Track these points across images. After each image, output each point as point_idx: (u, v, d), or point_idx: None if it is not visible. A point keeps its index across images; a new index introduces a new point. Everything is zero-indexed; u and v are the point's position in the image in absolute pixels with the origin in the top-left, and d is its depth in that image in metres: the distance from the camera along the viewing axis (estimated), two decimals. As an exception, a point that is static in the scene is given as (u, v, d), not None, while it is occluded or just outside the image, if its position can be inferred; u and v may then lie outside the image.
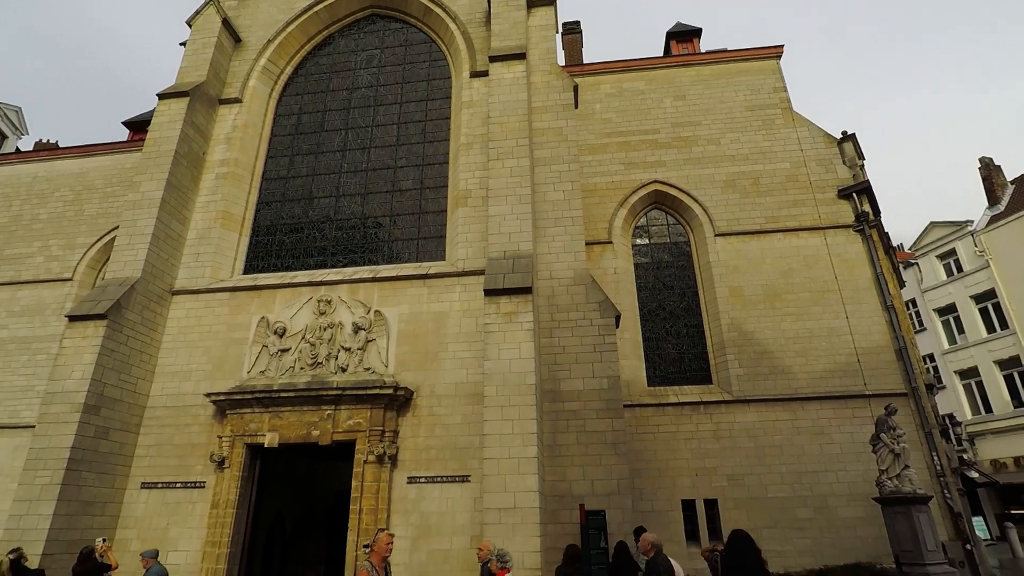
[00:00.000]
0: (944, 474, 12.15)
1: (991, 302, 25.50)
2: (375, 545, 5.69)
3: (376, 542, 5.68)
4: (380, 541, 5.68)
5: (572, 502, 9.67)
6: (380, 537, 5.69)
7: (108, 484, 10.47)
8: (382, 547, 5.65)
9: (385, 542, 5.67)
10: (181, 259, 12.63)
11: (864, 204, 14.43)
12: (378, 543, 5.67)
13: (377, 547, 5.65)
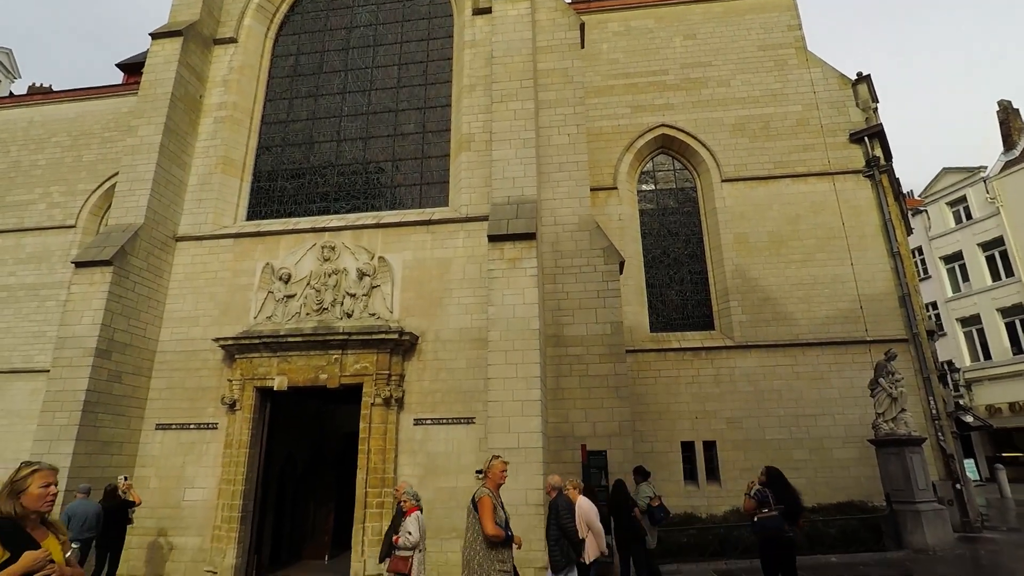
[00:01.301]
0: (939, 418, 12.40)
1: (998, 250, 25.33)
2: (489, 472, 5.37)
3: (490, 469, 5.38)
4: (495, 468, 5.38)
5: (574, 443, 9.95)
6: (494, 464, 5.40)
7: (124, 425, 10.79)
8: (497, 474, 5.35)
9: (500, 469, 5.39)
10: (183, 205, 12.56)
11: (876, 149, 14.13)
12: (492, 470, 5.37)
13: (492, 474, 5.35)
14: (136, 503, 9.19)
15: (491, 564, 4.77)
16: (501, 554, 4.82)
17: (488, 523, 4.81)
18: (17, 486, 2.70)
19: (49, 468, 2.80)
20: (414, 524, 6.62)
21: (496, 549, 4.81)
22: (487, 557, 4.78)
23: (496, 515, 4.90)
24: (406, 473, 10.09)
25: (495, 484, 5.20)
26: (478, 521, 4.88)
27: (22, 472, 2.75)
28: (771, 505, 6.51)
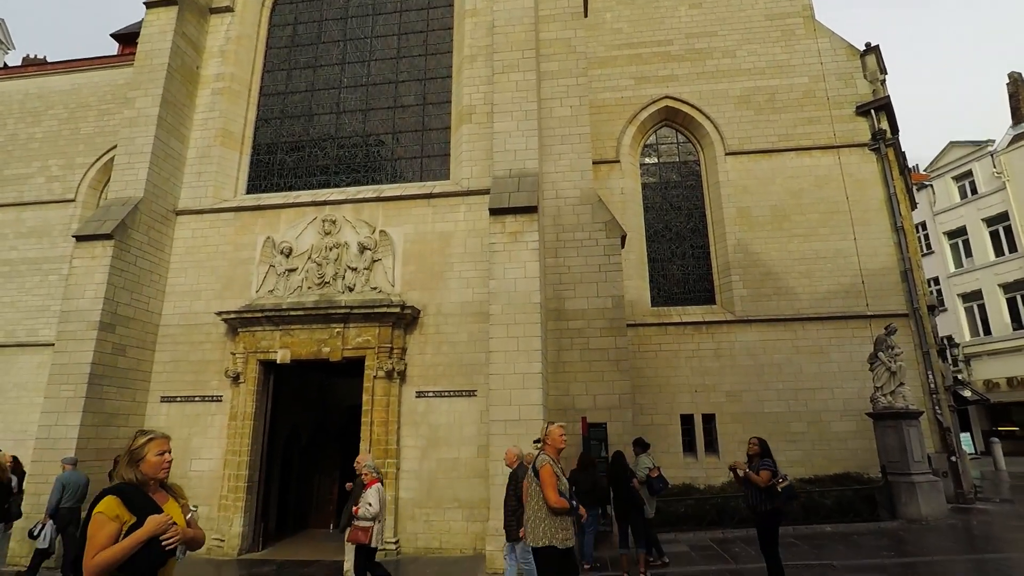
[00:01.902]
0: (937, 392, 12.50)
1: (1003, 225, 25.19)
2: (548, 438, 5.30)
3: (549, 435, 5.30)
4: (553, 434, 5.30)
5: (575, 415, 10.05)
6: (552, 430, 5.33)
7: (129, 398, 10.91)
8: (556, 439, 5.27)
9: (559, 434, 5.30)
10: (183, 179, 12.49)
11: (882, 122, 13.96)
12: (551, 436, 5.29)
13: (551, 439, 5.27)
14: None
15: (555, 532, 4.82)
16: (564, 521, 4.87)
17: (551, 494, 4.81)
18: (136, 454, 2.77)
19: (163, 436, 2.87)
20: (374, 496, 6.81)
21: (560, 517, 4.85)
22: (551, 524, 4.83)
23: (560, 484, 4.92)
24: (409, 444, 10.24)
25: (555, 450, 5.15)
26: (540, 490, 4.88)
27: (139, 441, 2.81)
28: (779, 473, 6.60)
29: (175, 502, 2.83)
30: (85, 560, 2.47)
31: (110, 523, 2.53)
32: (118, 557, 2.47)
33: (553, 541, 4.80)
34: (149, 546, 2.55)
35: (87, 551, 2.49)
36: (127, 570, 2.50)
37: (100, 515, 2.54)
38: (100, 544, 2.48)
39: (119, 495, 2.62)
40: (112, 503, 2.58)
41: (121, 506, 2.58)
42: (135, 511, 2.59)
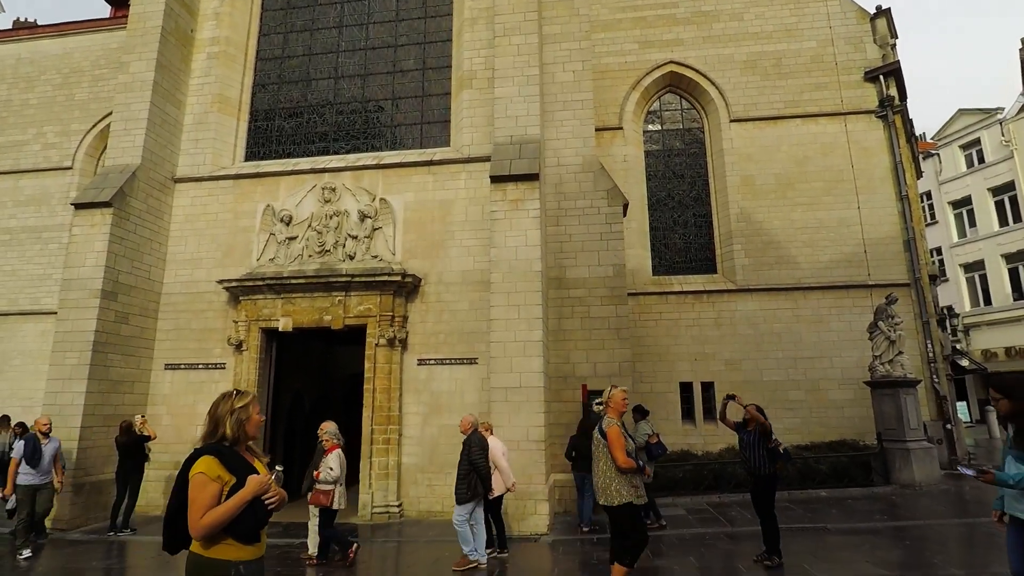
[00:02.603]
0: (935, 361, 12.57)
1: (1008, 195, 24.96)
2: (610, 401, 5.30)
3: (611, 399, 5.30)
4: (615, 397, 5.30)
5: (575, 382, 10.15)
6: (614, 393, 5.32)
7: (134, 365, 11.01)
8: (619, 402, 5.30)
9: (621, 397, 5.31)
10: (180, 146, 12.35)
11: (891, 88, 13.70)
12: (613, 399, 5.30)
13: (613, 403, 5.29)
14: (152, 437, 9.63)
15: (627, 489, 4.99)
16: (633, 479, 5.04)
17: (619, 455, 4.96)
18: (241, 414, 2.73)
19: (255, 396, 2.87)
20: (335, 460, 7.08)
21: (628, 475, 5.02)
22: (622, 484, 5.00)
23: (627, 444, 5.07)
24: (411, 411, 10.37)
25: (618, 413, 5.26)
26: (608, 451, 5.03)
27: (242, 400, 2.76)
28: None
29: (260, 462, 2.80)
30: (192, 520, 2.48)
31: (212, 483, 2.52)
32: (225, 518, 2.48)
33: (629, 498, 4.99)
34: (253, 506, 2.56)
35: (192, 511, 2.49)
36: (233, 530, 2.52)
37: (201, 475, 2.53)
38: (205, 504, 2.48)
39: (217, 456, 2.60)
40: (212, 463, 2.56)
41: (221, 467, 2.56)
42: (234, 472, 2.58)
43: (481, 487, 6.76)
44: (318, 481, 7.08)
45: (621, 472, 4.99)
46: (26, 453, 7.79)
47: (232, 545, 2.53)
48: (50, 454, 8.02)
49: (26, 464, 7.79)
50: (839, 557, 6.69)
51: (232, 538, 2.52)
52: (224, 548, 2.52)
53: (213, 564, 2.50)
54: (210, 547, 2.51)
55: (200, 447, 2.69)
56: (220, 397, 2.79)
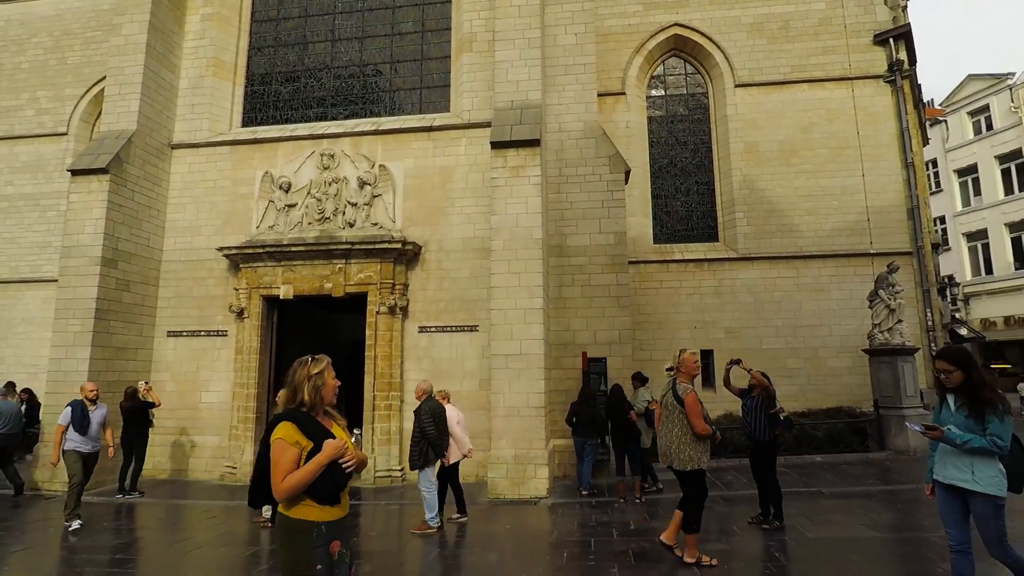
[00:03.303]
0: (934, 329, 12.61)
1: (1015, 162, 24.67)
2: (682, 366, 5.31)
3: (682, 362, 5.31)
4: (687, 361, 5.31)
5: (575, 350, 10.21)
6: (685, 357, 5.33)
7: (136, 332, 11.07)
8: (690, 366, 5.30)
9: (692, 360, 5.32)
10: (176, 111, 12.17)
11: (900, 51, 13.38)
12: (684, 363, 5.30)
13: (685, 367, 5.29)
14: (156, 404, 9.72)
15: (698, 455, 5.09)
16: (704, 445, 5.14)
17: (698, 422, 5.04)
18: (318, 380, 2.78)
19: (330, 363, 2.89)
20: None
21: (702, 441, 5.10)
22: (695, 449, 5.09)
23: (704, 411, 5.16)
24: (412, 378, 10.45)
25: (689, 377, 5.29)
26: (684, 416, 5.09)
27: (318, 367, 2.80)
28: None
29: (338, 426, 2.85)
30: (274, 483, 2.57)
31: (291, 448, 2.60)
32: (304, 481, 2.56)
33: (700, 464, 5.12)
34: (331, 470, 2.63)
35: (274, 475, 2.58)
36: (313, 492, 2.60)
37: (280, 441, 2.61)
38: (286, 468, 2.57)
39: (294, 421, 2.67)
40: (290, 429, 2.63)
41: (298, 432, 2.63)
42: (311, 436, 2.65)
43: (432, 453, 6.86)
44: None
45: (698, 439, 5.06)
46: (74, 419, 7.53)
47: (313, 506, 2.61)
48: (98, 421, 7.76)
49: (74, 431, 7.52)
50: (833, 519, 6.84)
51: (312, 500, 2.61)
52: (306, 509, 2.61)
53: (297, 524, 2.60)
54: (293, 508, 2.61)
55: (279, 413, 2.79)
56: (297, 364, 2.83)
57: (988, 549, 3.74)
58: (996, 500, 3.66)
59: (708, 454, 5.18)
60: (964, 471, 3.76)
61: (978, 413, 3.70)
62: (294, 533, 2.60)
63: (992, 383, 3.84)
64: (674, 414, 5.19)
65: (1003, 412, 3.65)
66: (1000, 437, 3.62)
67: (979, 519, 3.73)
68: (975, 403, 3.72)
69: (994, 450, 3.63)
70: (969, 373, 3.81)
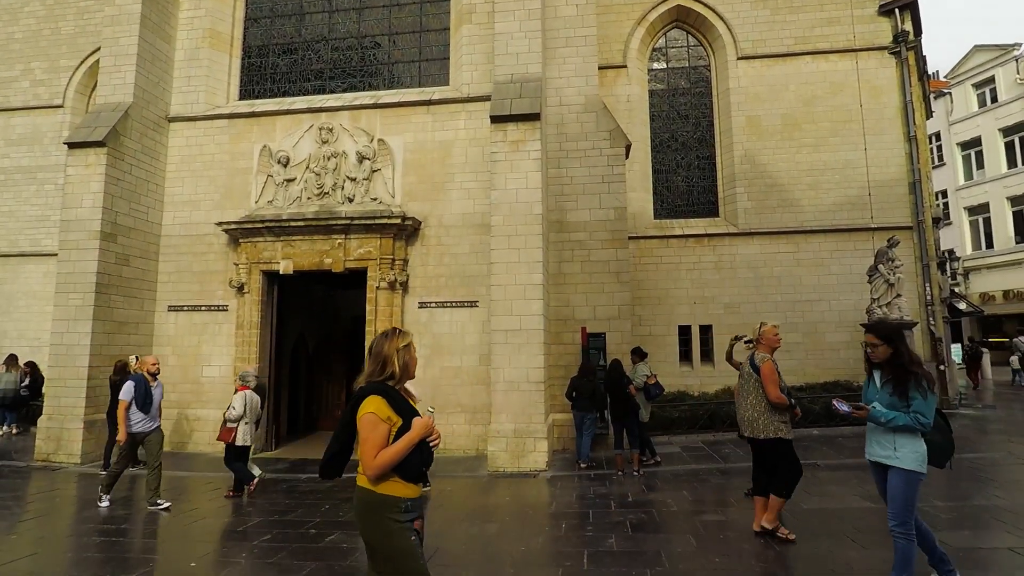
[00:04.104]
0: (933, 304, 12.66)
1: (1019, 135, 24.46)
2: (762, 338, 5.22)
3: (763, 335, 5.22)
4: (767, 333, 5.21)
5: (575, 325, 10.27)
6: (767, 329, 5.23)
7: (137, 307, 11.11)
8: (771, 338, 5.21)
9: (773, 333, 5.22)
10: (172, 83, 12.01)
11: (906, 22, 13.16)
12: (765, 336, 5.21)
13: (765, 339, 5.20)
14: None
15: (776, 425, 5.09)
16: (783, 415, 5.13)
17: (773, 390, 5.04)
18: (405, 354, 2.72)
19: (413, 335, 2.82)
20: (239, 400, 7.52)
21: (780, 412, 5.10)
22: (771, 419, 5.10)
23: (780, 381, 5.15)
24: (413, 353, 10.51)
25: (770, 348, 5.26)
26: (761, 386, 5.12)
27: (404, 340, 2.75)
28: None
29: (413, 403, 2.77)
30: (366, 459, 2.52)
31: (382, 424, 2.53)
32: (396, 458, 2.51)
33: (780, 432, 5.09)
34: (419, 448, 2.59)
35: (365, 451, 2.52)
36: (402, 471, 2.56)
37: (372, 415, 2.54)
38: (378, 444, 2.51)
39: (385, 396, 2.60)
40: (381, 404, 2.57)
41: (389, 407, 2.57)
42: (401, 413, 2.59)
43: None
44: (225, 419, 7.54)
45: (773, 408, 5.06)
46: (137, 396, 6.97)
47: (399, 483, 2.57)
48: (159, 397, 7.32)
49: (136, 408, 6.98)
50: (828, 491, 6.97)
51: (400, 477, 2.56)
52: (393, 485, 2.56)
53: (384, 500, 2.55)
54: (379, 484, 2.55)
55: (365, 386, 2.66)
56: (382, 336, 2.78)
57: (889, 519, 3.78)
58: (912, 474, 3.69)
59: (789, 425, 5.13)
60: (887, 447, 3.79)
61: (902, 390, 3.70)
62: (382, 509, 2.55)
63: (918, 359, 3.84)
64: (750, 383, 5.20)
65: (927, 389, 3.65)
66: (923, 414, 3.63)
67: (892, 490, 3.77)
68: (900, 379, 3.72)
69: (917, 427, 3.65)
70: (896, 348, 3.80)
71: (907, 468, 3.70)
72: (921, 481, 3.75)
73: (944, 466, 3.90)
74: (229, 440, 7.48)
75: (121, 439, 7.00)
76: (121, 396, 7.04)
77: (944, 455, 3.87)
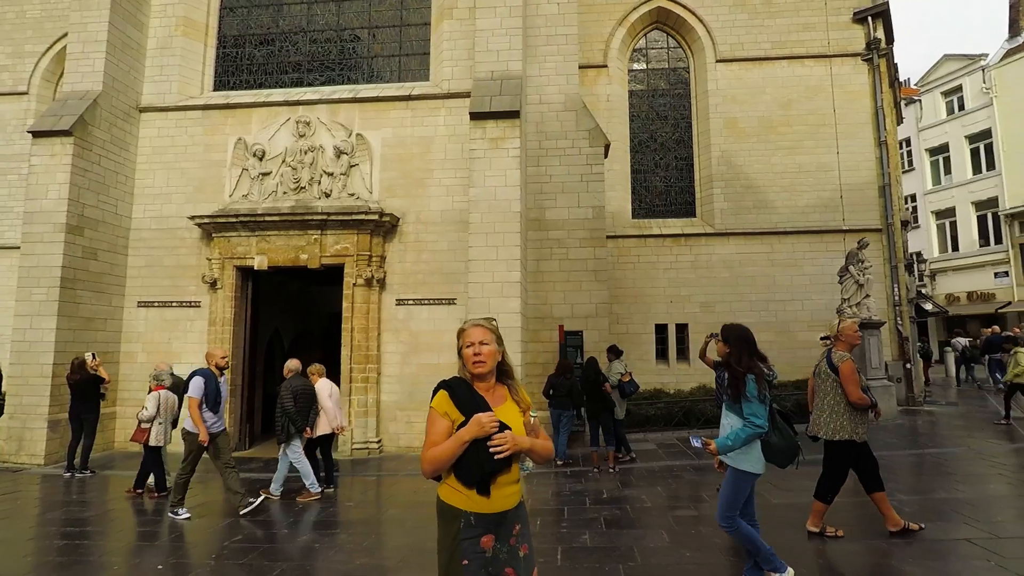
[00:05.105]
0: (900, 304, 12.99)
1: (984, 143, 25.20)
2: (841, 334, 5.05)
3: (842, 331, 5.04)
4: (847, 329, 5.04)
5: (552, 323, 10.30)
6: (846, 325, 5.07)
7: (105, 302, 10.82)
8: (850, 335, 5.03)
9: (853, 330, 5.04)
10: (144, 72, 11.72)
11: (878, 30, 13.46)
12: (844, 331, 5.03)
13: (844, 335, 5.02)
14: (106, 380, 8.99)
15: (855, 427, 4.93)
16: (863, 416, 4.96)
17: (854, 390, 4.84)
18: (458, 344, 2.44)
19: (476, 324, 2.43)
20: (151, 401, 7.42)
21: (858, 412, 4.93)
22: (849, 418, 4.92)
23: (861, 381, 4.97)
24: (389, 351, 10.46)
25: (849, 346, 5.05)
26: (839, 385, 4.92)
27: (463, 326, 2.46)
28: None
29: (514, 404, 2.42)
30: (421, 455, 2.31)
31: (440, 419, 2.29)
32: (441, 458, 2.23)
33: (853, 436, 4.92)
34: (476, 450, 2.22)
35: (424, 446, 2.31)
36: (459, 473, 2.25)
37: (432, 410, 2.32)
38: (433, 441, 2.27)
39: (448, 390, 2.34)
40: (442, 399, 2.32)
41: (449, 402, 2.30)
42: (463, 410, 2.28)
43: (292, 428, 7.11)
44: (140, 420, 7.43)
45: (853, 408, 4.88)
46: (208, 393, 6.41)
47: (459, 491, 2.26)
48: (225, 394, 6.77)
49: (206, 406, 6.42)
50: (796, 485, 7.09)
51: (458, 481, 2.26)
52: (453, 493, 2.28)
53: (445, 509, 2.30)
54: (441, 487, 2.33)
55: (443, 380, 2.42)
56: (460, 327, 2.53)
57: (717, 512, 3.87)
58: (741, 473, 3.75)
59: (865, 427, 4.94)
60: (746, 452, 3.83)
61: (735, 393, 3.75)
62: (441, 517, 2.31)
63: (753, 363, 3.80)
64: (827, 382, 5.01)
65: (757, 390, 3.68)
66: (755, 415, 3.68)
67: (724, 484, 3.88)
68: (732, 380, 3.76)
69: (754, 430, 3.68)
70: (731, 349, 3.84)
71: (737, 467, 3.76)
72: (753, 480, 3.81)
73: (786, 467, 3.90)
74: (143, 441, 7.35)
75: (204, 440, 6.34)
76: (190, 393, 6.39)
77: (785, 456, 3.85)
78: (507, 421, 2.30)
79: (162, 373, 7.78)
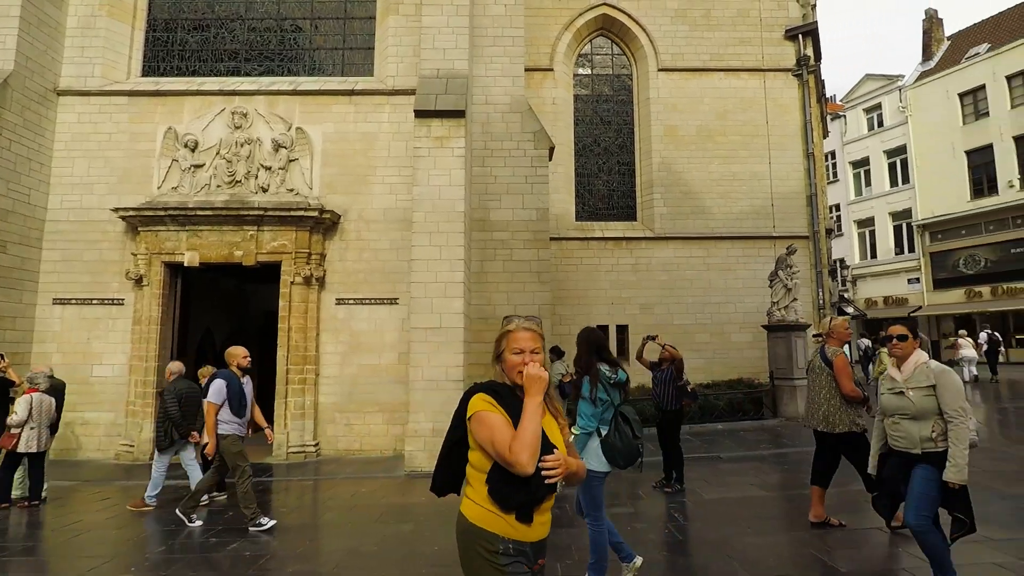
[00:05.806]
0: (824, 307, 13.76)
1: (900, 158, 27.08)
2: (833, 331, 5.24)
3: (834, 328, 5.24)
4: (838, 327, 5.24)
5: (496, 324, 10.27)
6: (837, 323, 5.26)
7: (15, 299, 10.03)
8: (841, 332, 5.22)
9: (844, 326, 5.26)
10: (63, 53, 10.94)
11: (808, 47, 14.24)
12: (835, 329, 5.23)
13: (836, 332, 5.21)
14: (16, 383, 8.13)
15: (849, 418, 4.96)
16: (856, 409, 5.00)
17: (847, 383, 4.92)
18: (498, 345, 2.13)
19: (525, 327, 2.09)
20: (22, 404, 7.09)
21: (852, 406, 4.98)
22: (844, 412, 4.96)
23: (854, 375, 5.04)
24: (328, 351, 10.19)
25: (840, 342, 5.20)
26: (833, 379, 4.99)
27: (502, 327, 2.15)
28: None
29: (553, 419, 2.10)
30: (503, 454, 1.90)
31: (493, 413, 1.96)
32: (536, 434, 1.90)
33: (853, 427, 4.97)
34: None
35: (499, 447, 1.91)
36: (498, 494, 1.94)
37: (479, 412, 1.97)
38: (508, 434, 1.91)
39: (494, 395, 2.01)
40: (483, 398, 2.01)
41: (496, 405, 1.99)
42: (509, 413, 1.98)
43: (176, 433, 6.95)
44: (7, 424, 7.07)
45: (847, 402, 4.96)
46: (231, 396, 5.92)
47: (495, 514, 1.93)
48: (250, 396, 6.25)
49: (230, 411, 5.92)
50: (729, 481, 7.39)
51: (496, 504, 1.93)
52: (491, 517, 1.94)
53: (480, 534, 1.94)
54: (470, 507, 1.99)
55: (478, 383, 2.12)
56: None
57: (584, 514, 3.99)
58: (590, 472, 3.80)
59: (862, 420, 5.02)
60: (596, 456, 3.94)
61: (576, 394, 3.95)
62: (473, 541, 1.96)
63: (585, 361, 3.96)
64: (821, 377, 5.11)
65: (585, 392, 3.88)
66: (582, 415, 3.86)
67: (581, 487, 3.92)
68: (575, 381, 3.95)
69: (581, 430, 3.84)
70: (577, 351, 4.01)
71: (588, 467, 3.82)
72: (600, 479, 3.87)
73: (626, 468, 3.88)
74: (10, 447, 6.93)
75: (210, 452, 5.91)
76: (210, 398, 5.90)
77: (624, 457, 3.82)
78: (552, 439, 2.02)
79: (37, 376, 7.37)
